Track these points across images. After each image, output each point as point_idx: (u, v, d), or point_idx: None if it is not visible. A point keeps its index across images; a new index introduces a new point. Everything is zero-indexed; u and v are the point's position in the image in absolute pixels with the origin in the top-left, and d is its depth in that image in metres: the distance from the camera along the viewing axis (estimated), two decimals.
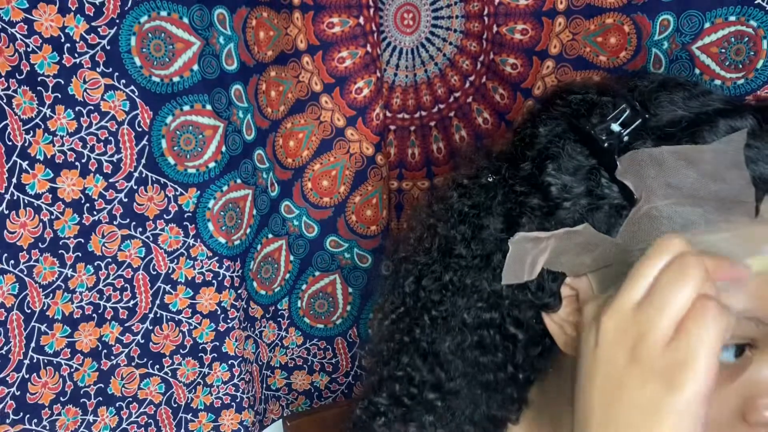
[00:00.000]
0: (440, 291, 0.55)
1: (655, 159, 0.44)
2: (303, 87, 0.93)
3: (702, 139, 0.44)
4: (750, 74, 0.79)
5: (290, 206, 0.96)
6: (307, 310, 1.01)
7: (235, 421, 0.93)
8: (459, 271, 0.54)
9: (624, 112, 0.47)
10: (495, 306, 0.53)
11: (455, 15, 0.94)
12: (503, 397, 0.55)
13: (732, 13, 0.79)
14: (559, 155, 0.49)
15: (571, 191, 0.48)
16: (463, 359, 0.54)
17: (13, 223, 0.72)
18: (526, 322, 0.52)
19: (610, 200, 0.46)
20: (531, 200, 0.50)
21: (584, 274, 0.48)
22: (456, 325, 0.54)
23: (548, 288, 0.49)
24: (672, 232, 0.40)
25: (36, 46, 0.70)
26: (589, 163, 0.48)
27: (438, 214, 0.57)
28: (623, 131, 0.46)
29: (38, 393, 0.78)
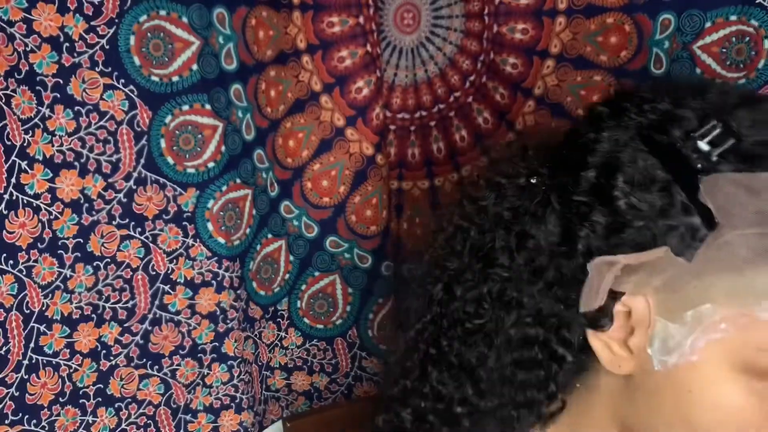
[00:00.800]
0: (476, 302, 0.52)
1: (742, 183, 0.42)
2: (303, 87, 0.92)
3: None
4: (751, 74, 0.79)
5: (290, 206, 0.96)
6: (306, 311, 1.01)
7: (234, 421, 0.93)
8: (500, 282, 0.51)
9: (713, 130, 0.43)
10: (541, 323, 0.50)
11: (455, 14, 0.94)
12: (537, 415, 0.53)
13: (733, 12, 0.79)
14: (629, 166, 0.45)
15: (643, 208, 0.45)
16: (501, 377, 0.52)
17: (12, 223, 0.72)
18: (574, 342, 0.49)
19: (687, 221, 0.43)
20: (594, 214, 0.46)
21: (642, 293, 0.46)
22: (501, 342, 0.51)
23: (608, 310, 0.47)
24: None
25: (35, 46, 0.70)
26: (665, 176, 0.44)
27: (470, 216, 0.54)
28: (713, 151, 0.43)
29: (37, 393, 0.78)
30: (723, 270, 0.42)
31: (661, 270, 0.44)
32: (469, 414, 0.53)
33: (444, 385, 0.54)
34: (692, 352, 0.44)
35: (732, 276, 0.42)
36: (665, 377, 0.46)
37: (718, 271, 0.42)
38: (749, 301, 0.42)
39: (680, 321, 0.44)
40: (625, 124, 0.47)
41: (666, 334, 0.45)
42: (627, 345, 0.47)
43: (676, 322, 0.44)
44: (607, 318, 0.47)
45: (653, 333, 0.45)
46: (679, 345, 0.44)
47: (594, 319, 0.47)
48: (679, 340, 0.44)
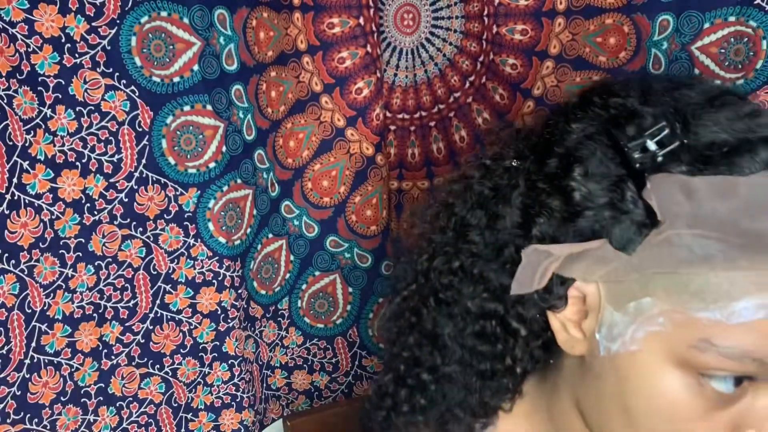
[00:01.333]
0: (449, 274, 0.55)
1: (686, 186, 0.42)
2: (303, 87, 0.93)
3: (739, 168, 0.42)
4: (749, 74, 0.80)
5: (290, 206, 0.96)
6: (307, 310, 1.01)
7: (235, 420, 0.93)
8: (470, 258, 0.53)
9: (662, 131, 0.45)
10: (500, 298, 0.52)
11: (455, 15, 0.95)
12: (498, 386, 0.55)
13: (731, 13, 0.79)
14: (587, 159, 0.47)
15: (595, 200, 0.46)
16: (462, 346, 0.55)
17: (13, 223, 0.72)
18: (529, 319, 0.52)
19: (632, 216, 0.45)
20: (552, 202, 0.48)
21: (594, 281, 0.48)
22: (459, 312, 0.54)
23: (556, 291, 0.49)
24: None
25: (36, 47, 0.70)
26: (618, 172, 0.46)
27: (456, 193, 0.56)
28: (659, 151, 0.44)
29: (39, 393, 0.78)
30: (661, 267, 0.44)
31: (606, 261, 0.46)
32: (435, 380, 0.56)
33: (420, 349, 0.57)
34: (632, 342, 0.45)
35: (669, 274, 0.44)
36: (609, 363, 0.47)
37: (657, 267, 0.44)
38: (684, 299, 0.43)
39: (623, 311, 0.46)
40: (591, 118, 0.49)
41: (612, 321, 0.47)
42: (581, 328, 0.49)
43: (620, 311, 0.46)
44: (559, 300, 0.49)
45: (602, 319, 0.47)
46: (621, 333, 0.46)
47: (546, 301, 0.49)
48: (621, 329, 0.46)
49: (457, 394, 0.56)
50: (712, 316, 0.42)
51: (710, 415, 0.44)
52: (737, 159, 0.42)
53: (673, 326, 0.44)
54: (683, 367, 0.44)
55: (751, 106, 0.46)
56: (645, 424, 0.46)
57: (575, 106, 0.51)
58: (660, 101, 0.48)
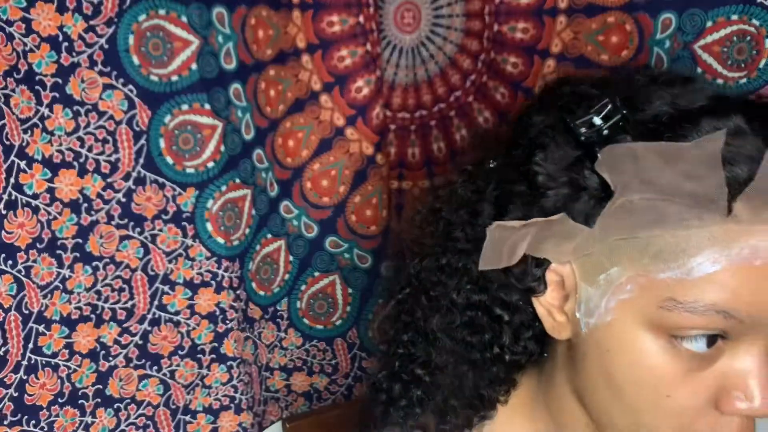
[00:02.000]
0: (437, 272, 0.57)
1: (632, 154, 0.45)
2: (302, 86, 0.92)
3: (683, 137, 0.44)
4: (752, 73, 0.79)
5: (289, 206, 0.96)
6: (306, 311, 1.01)
7: (233, 422, 0.93)
8: (456, 254, 0.56)
9: (606, 106, 0.47)
10: (484, 289, 0.55)
11: (456, 13, 0.94)
12: (490, 376, 0.57)
13: (734, 11, 0.79)
14: (548, 145, 0.50)
15: (556, 180, 0.49)
16: (452, 337, 0.57)
17: (10, 223, 0.72)
18: (512, 304, 0.54)
19: (590, 191, 0.47)
20: (518, 187, 0.51)
21: (568, 261, 0.50)
22: (445, 304, 0.56)
23: (531, 273, 0.51)
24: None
25: (34, 45, 0.69)
26: (575, 153, 0.48)
27: (443, 198, 0.59)
28: (603, 125, 0.47)
29: (36, 394, 0.78)
30: (620, 234, 0.46)
31: (571, 236, 0.48)
32: (429, 372, 0.58)
33: (414, 347, 0.60)
34: (606, 313, 0.47)
35: (629, 240, 0.46)
36: (590, 338, 0.49)
37: (616, 234, 0.46)
38: (645, 262, 0.45)
39: (596, 284, 0.48)
40: (550, 108, 0.52)
41: (587, 297, 0.49)
42: (564, 311, 0.51)
43: (593, 286, 0.48)
44: (536, 283, 0.51)
45: (579, 297, 0.50)
46: (597, 306, 0.48)
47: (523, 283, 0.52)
48: (596, 302, 0.48)
49: (451, 385, 0.58)
50: (673, 275, 0.44)
51: (691, 377, 0.45)
52: (680, 128, 0.45)
53: (640, 291, 0.46)
54: (655, 330, 0.46)
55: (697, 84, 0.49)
56: (631, 395, 0.47)
57: (535, 101, 0.55)
58: (610, 85, 0.51)
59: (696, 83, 0.49)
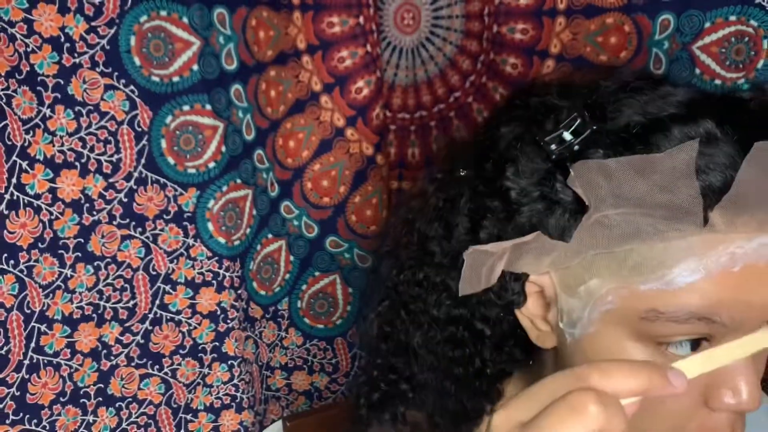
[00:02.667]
0: (415, 286, 0.57)
1: (604, 169, 0.44)
2: (303, 87, 0.92)
3: (655, 147, 0.44)
4: (750, 74, 0.79)
5: (290, 206, 0.96)
6: (307, 311, 1.01)
7: (234, 421, 0.93)
8: (433, 268, 0.55)
9: (575, 121, 0.47)
10: (463, 303, 0.54)
11: (455, 15, 0.94)
12: (472, 389, 0.57)
13: (732, 12, 0.79)
14: (518, 158, 0.49)
15: (529, 195, 0.48)
16: (433, 353, 0.56)
17: (12, 223, 0.72)
18: (492, 319, 0.54)
19: (564, 204, 0.47)
20: (491, 203, 0.50)
21: (546, 272, 0.49)
22: (425, 320, 0.56)
23: (510, 288, 0.51)
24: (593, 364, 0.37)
25: (36, 46, 0.70)
26: (545, 166, 0.48)
27: (416, 210, 0.58)
28: (574, 140, 0.46)
29: (38, 393, 0.78)
30: (597, 249, 0.46)
31: (547, 251, 0.47)
32: (412, 389, 0.58)
33: (394, 358, 0.59)
34: (590, 324, 0.47)
35: (606, 254, 0.46)
36: (575, 348, 0.49)
37: (593, 249, 0.46)
38: (624, 275, 0.45)
39: (577, 296, 0.48)
40: (517, 119, 0.51)
41: (569, 307, 0.48)
42: (547, 320, 0.51)
43: (573, 297, 0.48)
44: (516, 296, 0.51)
45: (560, 307, 0.49)
46: (579, 318, 0.48)
47: (503, 298, 0.51)
48: (579, 313, 0.48)
49: (436, 402, 0.58)
50: (653, 287, 0.44)
51: None
52: (651, 138, 0.44)
53: (622, 302, 0.45)
54: (640, 339, 0.46)
55: (665, 89, 0.48)
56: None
57: (502, 111, 0.54)
58: (577, 94, 0.50)
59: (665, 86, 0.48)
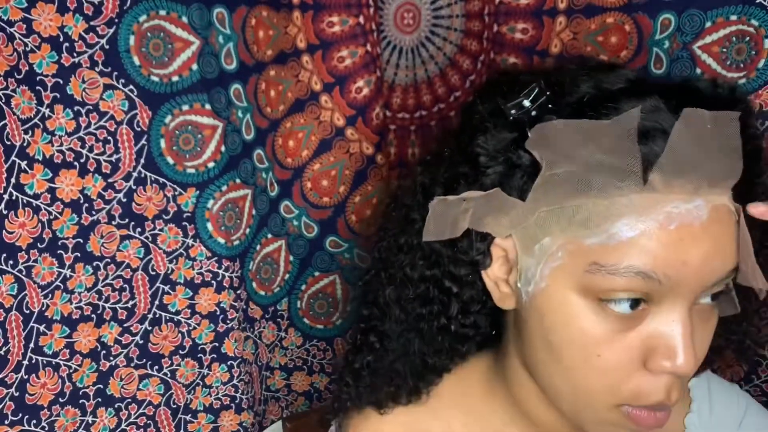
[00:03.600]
0: (396, 251, 0.62)
1: (556, 131, 0.49)
2: (302, 86, 0.92)
3: (605, 116, 0.48)
4: (751, 74, 0.79)
5: (290, 206, 0.96)
6: (306, 311, 1.01)
7: (234, 422, 0.93)
8: (413, 235, 0.60)
9: (534, 90, 0.52)
10: (436, 264, 0.59)
11: (456, 14, 0.94)
12: (436, 345, 0.61)
13: (733, 12, 0.79)
14: (489, 129, 0.54)
15: (495, 159, 0.53)
16: (403, 308, 0.61)
17: (11, 223, 0.72)
18: (461, 278, 0.58)
19: (523, 168, 0.51)
20: (463, 168, 0.55)
21: (509, 235, 0.54)
22: (399, 277, 0.60)
23: (476, 247, 0.55)
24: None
25: (35, 46, 0.70)
26: (511, 136, 0.53)
27: (404, 187, 0.64)
28: (531, 106, 0.52)
29: (37, 394, 0.78)
30: (549, 205, 0.50)
31: (507, 210, 0.52)
32: (379, 339, 0.63)
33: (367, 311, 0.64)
34: (542, 280, 0.52)
35: (557, 210, 0.50)
36: (530, 306, 0.53)
37: (545, 205, 0.50)
38: (573, 230, 0.49)
39: (532, 255, 0.52)
40: (492, 97, 0.56)
41: (526, 267, 0.53)
42: (508, 283, 0.56)
43: (530, 256, 0.52)
44: (482, 256, 0.56)
45: (520, 269, 0.54)
46: (533, 275, 0.52)
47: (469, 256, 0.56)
48: (533, 271, 0.52)
49: (398, 350, 0.62)
50: (597, 241, 0.48)
51: (618, 338, 0.49)
52: (601, 109, 0.49)
53: (569, 257, 0.50)
54: (584, 294, 0.49)
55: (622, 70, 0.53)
56: (566, 355, 0.51)
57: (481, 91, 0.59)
58: (543, 73, 0.55)
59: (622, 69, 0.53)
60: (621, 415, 0.51)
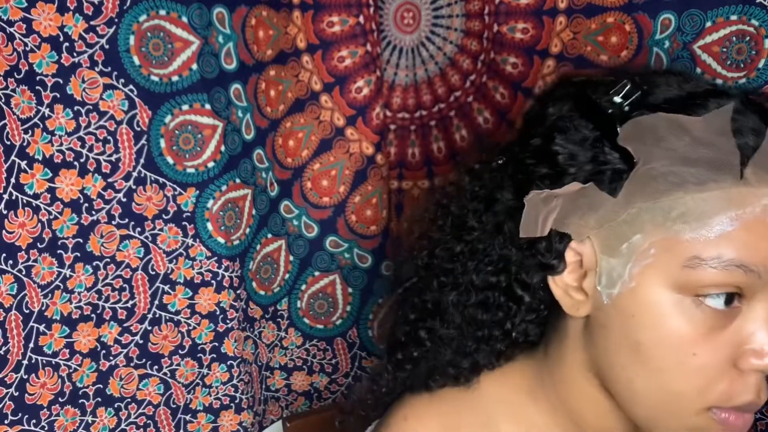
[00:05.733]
0: (451, 260, 0.60)
1: (652, 125, 0.49)
2: (302, 86, 0.92)
3: (694, 114, 0.49)
4: (751, 73, 0.79)
5: (290, 206, 0.96)
6: (306, 311, 1.01)
7: (234, 422, 0.93)
8: (471, 242, 0.59)
9: (625, 87, 0.51)
10: (503, 270, 0.58)
11: (456, 14, 0.94)
12: (491, 350, 0.61)
13: (733, 12, 0.79)
14: (567, 129, 0.53)
15: (577, 158, 0.52)
16: (462, 314, 0.60)
17: (11, 222, 0.72)
18: (532, 285, 0.57)
19: (612, 165, 0.51)
20: (540, 169, 0.54)
21: (588, 237, 0.52)
22: (464, 283, 0.59)
23: (555, 249, 0.54)
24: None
25: (35, 45, 0.70)
26: (594, 134, 0.52)
27: (450, 195, 0.63)
28: (624, 102, 0.51)
29: (37, 393, 0.78)
30: (644, 200, 0.49)
31: (596, 206, 0.51)
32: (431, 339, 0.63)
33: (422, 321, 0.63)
34: (631, 280, 0.50)
35: (651, 206, 0.49)
36: (613, 308, 0.52)
37: (640, 201, 0.49)
38: (668, 225, 0.49)
39: (619, 255, 0.51)
40: (563, 98, 0.56)
41: (609, 268, 0.51)
42: (582, 289, 0.54)
43: (615, 257, 0.51)
44: (557, 260, 0.54)
45: (600, 271, 0.52)
46: (620, 276, 0.51)
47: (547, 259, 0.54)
48: (619, 272, 0.51)
49: (450, 355, 0.61)
50: (695, 235, 0.48)
51: (711, 335, 0.48)
52: (691, 108, 0.49)
53: (664, 253, 0.49)
54: (680, 290, 0.48)
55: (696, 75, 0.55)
56: (656, 356, 0.50)
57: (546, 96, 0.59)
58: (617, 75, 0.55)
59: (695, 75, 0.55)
60: (708, 419, 0.50)
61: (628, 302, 0.51)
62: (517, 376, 0.63)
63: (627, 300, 0.51)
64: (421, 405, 0.62)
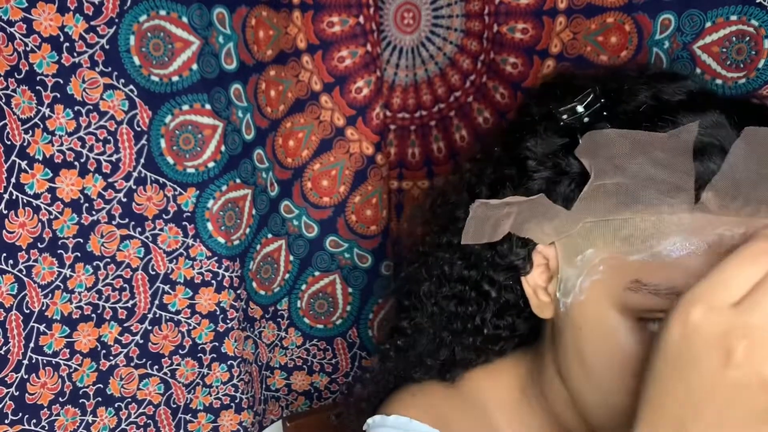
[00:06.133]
0: (437, 248, 0.62)
1: (606, 140, 0.47)
2: (303, 86, 0.92)
3: (661, 128, 0.46)
4: (751, 74, 0.79)
5: (290, 206, 0.96)
6: (306, 311, 1.01)
7: (234, 421, 0.93)
8: (455, 233, 0.59)
9: (588, 96, 0.50)
10: (476, 266, 0.58)
11: (456, 14, 0.94)
12: (466, 343, 0.61)
13: (733, 12, 0.79)
14: (539, 133, 0.53)
15: (543, 164, 0.52)
16: (436, 304, 0.61)
17: (11, 222, 0.72)
18: (499, 283, 0.58)
19: (571, 175, 0.50)
20: (509, 171, 0.54)
21: (552, 243, 0.52)
22: (435, 273, 0.61)
23: (516, 252, 0.55)
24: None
25: (35, 46, 0.70)
26: (561, 141, 0.51)
27: (452, 183, 0.64)
28: (584, 112, 0.50)
29: (37, 393, 0.78)
30: (594, 216, 0.48)
31: (551, 216, 0.50)
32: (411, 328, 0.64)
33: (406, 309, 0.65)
34: (581, 292, 0.50)
35: (602, 222, 0.48)
36: (566, 317, 0.52)
37: (590, 216, 0.49)
38: (617, 245, 0.48)
39: (574, 265, 0.50)
40: (545, 100, 0.55)
41: (566, 277, 0.51)
42: (548, 291, 0.54)
43: (571, 267, 0.51)
44: (521, 262, 0.54)
45: (560, 278, 0.52)
46: (573, 286, 0.51)
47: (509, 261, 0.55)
48: (573, 282, 0.50)
49: (428, 345, 0.62)
50: (641, 258, 0.46)
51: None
52: (658, 120, 0.47)
53: (611, 271, 0.48)
54: (623, 311, 0.47)
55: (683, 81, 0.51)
56: (600, 372, 0.49)
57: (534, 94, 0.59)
58: (600, 78, 0.54)
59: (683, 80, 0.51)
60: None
61: (577, 314, 0.50)
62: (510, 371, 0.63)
63: (576, 312, 0.50)
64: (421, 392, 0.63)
